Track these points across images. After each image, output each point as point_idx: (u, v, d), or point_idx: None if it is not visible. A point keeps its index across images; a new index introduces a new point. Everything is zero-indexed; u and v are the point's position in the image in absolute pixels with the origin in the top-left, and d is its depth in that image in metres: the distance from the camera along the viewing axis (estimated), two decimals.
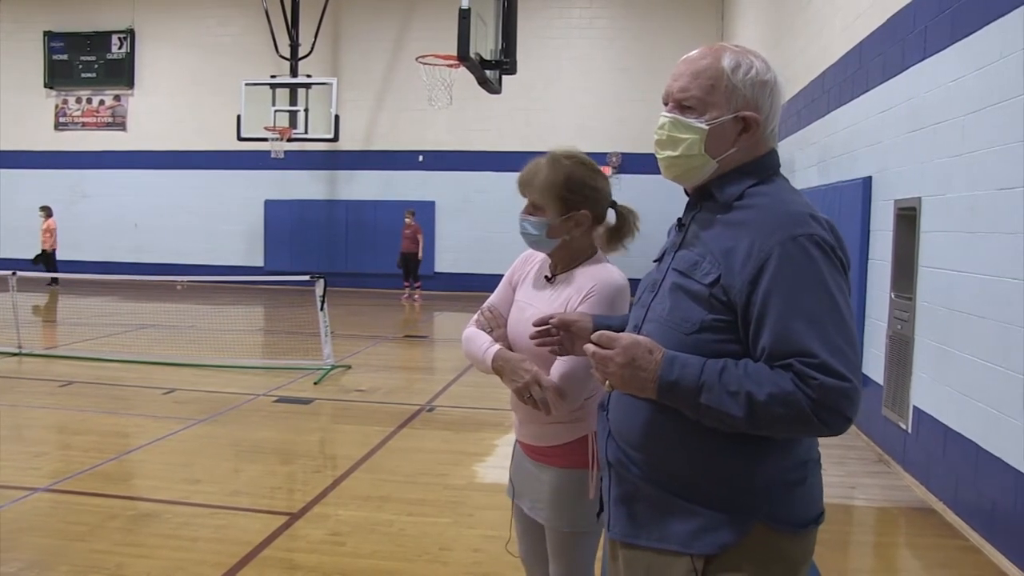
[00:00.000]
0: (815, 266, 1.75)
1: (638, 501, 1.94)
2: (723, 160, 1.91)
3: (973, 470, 4.95)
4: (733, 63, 1.89)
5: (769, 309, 1.74)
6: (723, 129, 1.89)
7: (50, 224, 19.09)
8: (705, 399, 1.73)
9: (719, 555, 1.83)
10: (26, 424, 7.19)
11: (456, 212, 19.73)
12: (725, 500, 1.83)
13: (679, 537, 1.86)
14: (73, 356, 10.24)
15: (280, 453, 6.51)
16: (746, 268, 1.77)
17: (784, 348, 1.71)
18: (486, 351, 2.57)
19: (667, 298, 1.90)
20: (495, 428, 7.32)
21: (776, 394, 1.69)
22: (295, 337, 12.28)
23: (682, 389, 1.76)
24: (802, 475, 1.89)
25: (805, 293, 1.73)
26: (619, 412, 1.97)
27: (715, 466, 1.84)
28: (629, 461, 1.94)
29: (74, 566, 4.26)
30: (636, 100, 18.56)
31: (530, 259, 2.82)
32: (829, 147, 8.76)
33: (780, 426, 1.73)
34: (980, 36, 5.06)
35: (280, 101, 17.98)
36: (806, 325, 1.71)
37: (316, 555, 4.49)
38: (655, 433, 1.89)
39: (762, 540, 1.83)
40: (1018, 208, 4.50)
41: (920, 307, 5.96)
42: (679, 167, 1.95)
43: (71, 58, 21.24)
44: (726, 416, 1.73)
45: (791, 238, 1.76)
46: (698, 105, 1.90)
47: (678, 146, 1.92)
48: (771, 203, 1.86)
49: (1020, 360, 4.42)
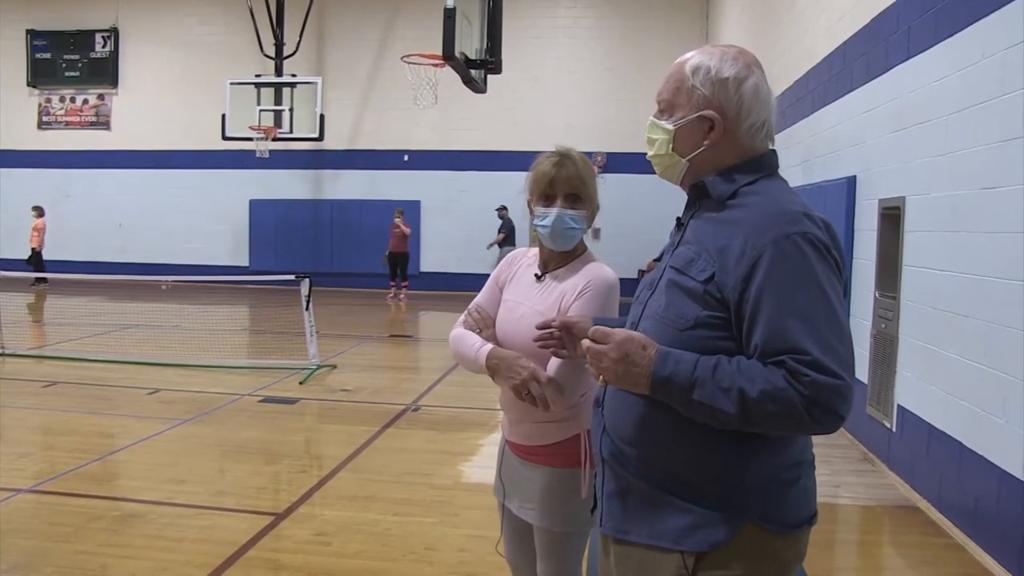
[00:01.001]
0: (808, 264, 1.76)
1: (631, 497, 1.95)
2: (696, 159, 1.98)
3: (957, 468, 4.98)
4: (695, 64, 1.96)
5: (762, 306, 1.74)
6: (690, 129, 1.96)
7: (38, 224, 19.00)
8: (698, 395, 1.74)
9: (710, 553, 1.83)
10: (9, 425, 7.14)
11: (441, 212, 19.72)
12: (717, 498, 1.83)
13: (670, 534, 1.86)
14: (57, 356, 10.17)
15: (265, 453, 6.49)
16: (740, 265, 1.78)
17: (776, 345, 1.71)
18: (478, 350, 2.56)
19: (663, 295, 1.92)
20: (480, 428, 7.32)
21: (768, 391, 1.69)
22: (280, 337, 12.25)
23: (675, 385, 1.77)
24: (796, 475, 1.90)
25: (798, 291, 1.74)
26: (614, 408, 1.98)
27: (708, 463, 1.84)
28: (623, 457, 1.94)
29: (58, 567, 4.24)
30: (622, 99, 18.60)
31: (516, 261, 2.82)
32: (813, 147, 8.79)
33: (772, 423, 1.73)
34: (963, 37, 5.09)
35: (265, 100, 17.90)
36: (799, 322, 1.71)
37: (302, 555, 4.48)
38: (649, 429, 1.89)
39: (754, 539, 1.83)
40: (1001, 208, 4.53)
41: (904, 306, 5.99)
42: (657, 165, 2.07)
43: (54, 57, 21.10)
44: (719, 412, 1.73)
45: (785, 236, 1.77)
46: (667, 107, 2.01)
47: (653, 146, 2.03)
48: (765, 201, 1.87)
49: (1003, 359, 4.45)
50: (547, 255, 2.69)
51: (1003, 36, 4.56)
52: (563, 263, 2.66)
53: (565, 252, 2.65)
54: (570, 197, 2.60)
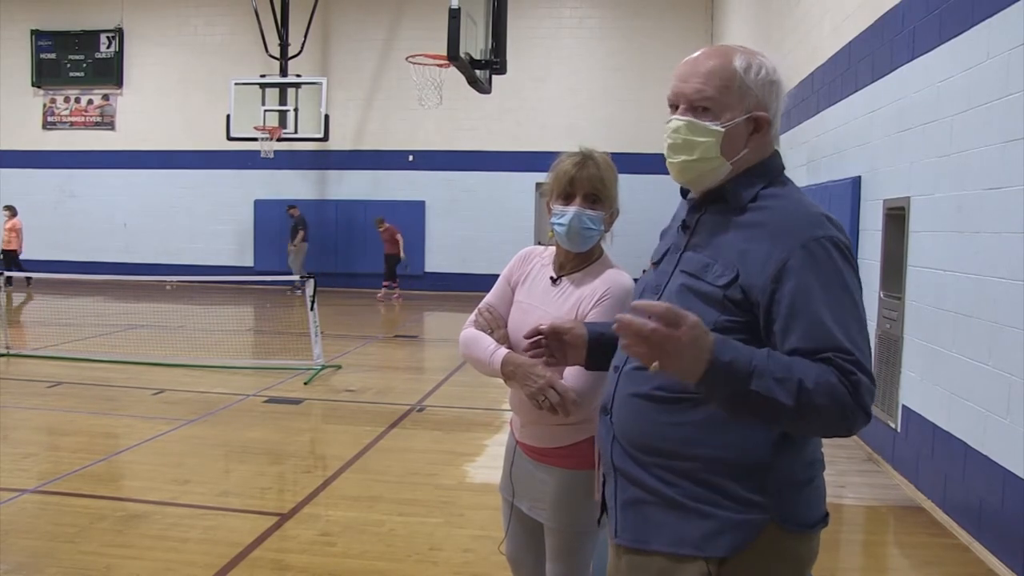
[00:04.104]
0: (836, 267, 1.78)
1: (648, 505, 1.90)
2: (736, 162, 1.91)
3: (961, 469, 4.97)
4: (745, 63, 1.88)
5: (797, 308, 1.74)
6: (737, 131, 1.89)
7: (15, 224, 18.92)
8: (756, 384, 1.67)
9: (733, 556, 1.82)
10: (14, 425, 7.15)
11: (446, 212, 19.70)
12: (741, 500, 1.82)
13: (694, 540, 1.83)
14: (61, 357, 10.19)
15: (270, 454, 6.49)
16: (767, 268, 1.78)
17: (819, 344, 1.72)
18: (493, 355, 2.53)
19: (675, 300, 1.85)
20: (486, 428, 7.32)
21: (823, 384, 1.68)
22: (285, 337, 12.25)
23: (734, 371, 1.67)
24: (811, 475, 1.90)
25: (830, 293, 1.75)
26: (627, 415, 1.94)
27: (732, 466, 1.82)
28: (639, 465, 1.91)
29: (63, 568, 4.24)
30: (626, 100, 18.59)
31: (529, 258, 2.77)
32: (818, 147, 8.78)
33: (818, 419, 1.71)
34: (968, 37, 5.08)
35: (270, 101, 17.93)
36: (834, 324, 1.73)
37: (306, 556, 4.48)
38: (669, 435, 1.86)
39: (773, 540, 1.83)
40: (1006, 208, 4.52)
41: (909, 306, 5.98)
42: (694, 171, 1.92)
43: (59, 57, 21.11)
44: (773, 404, 1.68)
45: (813, 239, 1.78)
46: (713, 107, 1.88)
47: (695, 149, 1.89)
48: (788, 205, 1.87)
49: (1008, 359, 4.44)
50: (563, 256, 2.64)
51: (1007, 36, 4.55)
52: (580, 266, 2.62)
53: (582, 255, 2.61)
54: (589, 197, 2.54)
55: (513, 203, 18.90)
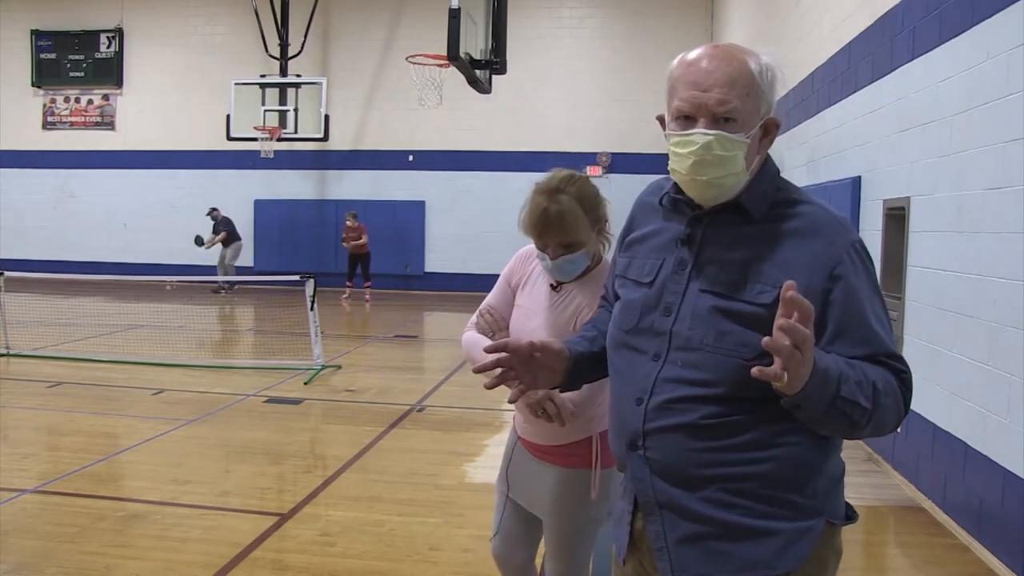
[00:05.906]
0: (871, 270, 1.80)
1: (707, 538, 1.80)
2: (751, 171, 1.81)
3: (961, 469, 4.97)
4: (757, 66, 1.76)
5: (850, 313, 1.73)
6: (756, 139, 1.79)
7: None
8: (845, 391, 1.62)
9: (801, 565, 1.80)
10: (14, 425, 7.15)
11: (446, 212, 19.70)
12: (800, 509, 1.78)
13: (766, 560, 1.77)
14: (61, 357, 10.18)
15: (270, 454, 6.49)
16: (815, 277, 1.72)
17: (872, 349, 1.73)
18: None
19: (707, 324, 1.76)
20: (485, 428, 7.32)
21: (888, 385, 1.70)
22: (285, 337, 12.25)
23: (829, 377, 1.61)
24: (842, 469, 1.90)
25: (874, 296, 1.77)
26: (672, 449, 1.80)
27: (788, 477, 1.77)
28: (692, 497, 1.79)
29: (62, 568, 4.24)
30: (626, 100, 18.58)
31: (529, 258, 2.76)
32: (818, 147, 8.78)
33: (881, 420, 1.70)
34: (968, 37, 5.08)
35: (270, 101, 17.94)
36: (880, 327, 1.75)
37: (306, 555, 4.48)
38: (723, 460, 1.77)
39: (826, 538, 1.83)
40: (1006, 208, 4.52)
41: (909, 306, 5.98)
42: (721, 187, 1.79)
43: (59, 57, 21.08)
44: (858, 408, 1.65)
45: (851, 243, 1.78)
46: (739, 117, 1.74)
47: (727, 165, 1.75)
48: (816, 210, 1.82)
49: (1008, 359, 4.44)
50: None
51: (1007, 37, 4.55)
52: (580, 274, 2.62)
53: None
54: (562, 244, 2.52)
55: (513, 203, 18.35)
